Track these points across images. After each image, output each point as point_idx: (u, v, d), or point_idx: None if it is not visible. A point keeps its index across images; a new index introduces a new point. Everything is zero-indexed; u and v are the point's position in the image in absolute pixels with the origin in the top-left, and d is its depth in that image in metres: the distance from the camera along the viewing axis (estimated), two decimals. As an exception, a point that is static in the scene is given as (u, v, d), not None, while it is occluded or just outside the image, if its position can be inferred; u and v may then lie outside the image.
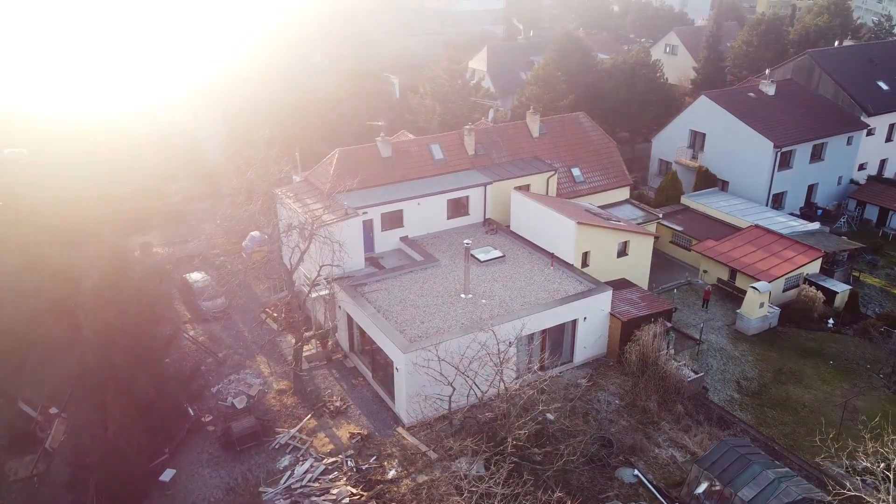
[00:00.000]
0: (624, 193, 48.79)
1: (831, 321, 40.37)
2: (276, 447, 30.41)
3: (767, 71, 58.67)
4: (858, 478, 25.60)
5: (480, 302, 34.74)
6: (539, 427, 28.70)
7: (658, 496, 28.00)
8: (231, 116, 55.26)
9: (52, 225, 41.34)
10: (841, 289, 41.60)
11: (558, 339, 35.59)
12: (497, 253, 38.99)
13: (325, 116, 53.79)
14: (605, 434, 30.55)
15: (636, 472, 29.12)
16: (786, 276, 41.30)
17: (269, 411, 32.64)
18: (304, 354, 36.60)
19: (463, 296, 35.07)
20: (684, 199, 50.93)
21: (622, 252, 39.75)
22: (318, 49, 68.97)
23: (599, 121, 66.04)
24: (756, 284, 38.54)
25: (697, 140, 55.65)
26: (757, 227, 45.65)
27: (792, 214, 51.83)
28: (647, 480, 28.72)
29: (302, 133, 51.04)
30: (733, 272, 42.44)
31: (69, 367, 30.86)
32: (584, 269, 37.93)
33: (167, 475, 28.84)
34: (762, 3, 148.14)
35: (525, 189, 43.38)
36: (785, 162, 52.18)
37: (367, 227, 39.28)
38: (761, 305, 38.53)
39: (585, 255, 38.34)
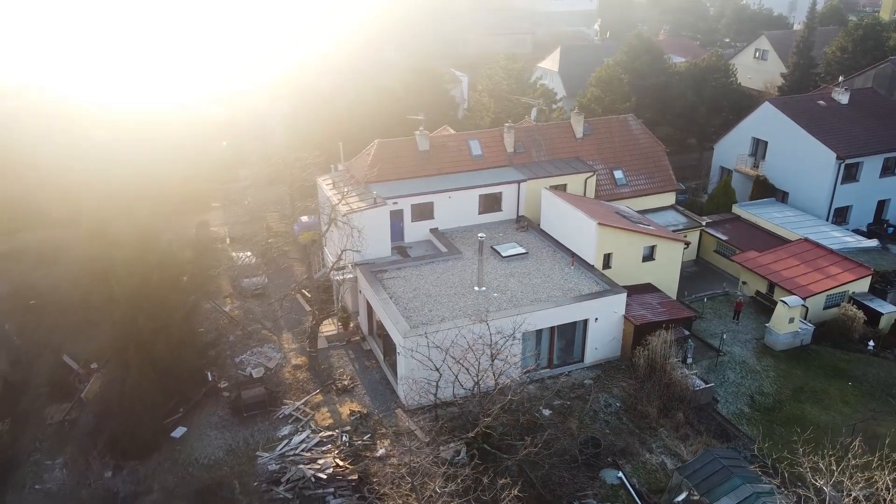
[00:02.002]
0: (669, 199, 47.86)
1: (872, 343, 38.22)
2: (280, 417, 32.35)
3: (841, 78, 55.65)
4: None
5: (492, 295, 35.37)
6: (526, 421, 29.23)
7: (637, 500, 27.83)
8: (298, 107, 58.11)
9: (119, 201, 45.29)
10: (888, 310, 39.27)
11: (569, 338, 35.71)
12: (520, 249, 39.43)
13: (385, 110, 55.49)
14: (593, 434, 30.53)
15: (620, 474, 29.03)
16: (826, 293, 39.44)
17: (281, 383, 34.65)
18: (326, 335, 38.49)
19: (476, 288, 35.81)
20: (735, 209, 49.31)
21: (648, 257, 39.20)
22: (392, 45, 70.88)
23: (666, 125, 64.95)
24: (786, 298, 37.09)
25: (759, 148, 53.62)
26: (806, 240, 43.68)
27: (857, 231, 49.16)
28: (630, 484, 28.59)
29: (360, 126, 52.95)
30: (772, 285, 40.91)
31: (106, 327, 33.90)
32: (606, 272, 37.72)
33: (178, 432, 31.35)
34: (886, 9, 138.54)
35: (561, 189, 43.50)
36: (850, 175, 49.48)
37: (397, 217, 40.65)
38: (791, 321, 37.04)
39: (608, 257, 38.11)
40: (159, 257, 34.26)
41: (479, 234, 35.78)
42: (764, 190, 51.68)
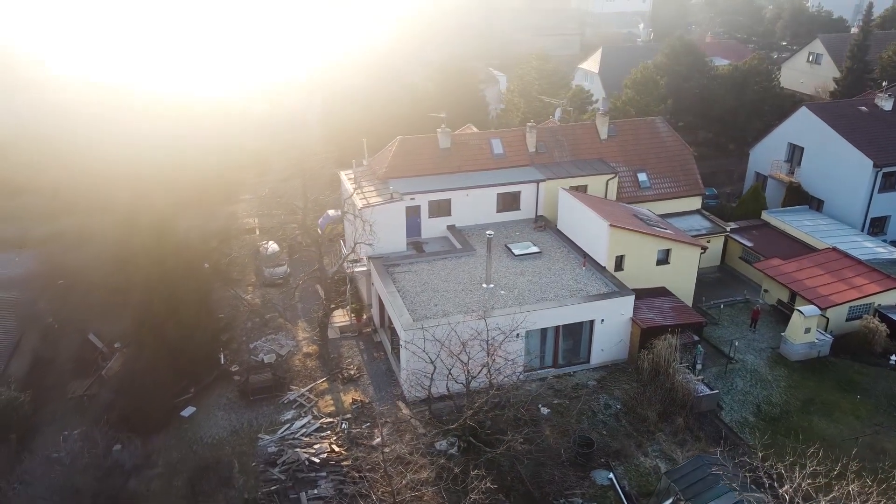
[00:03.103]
0: (695, 203, 47.18)
1: (894, 358, 36.93)
2: (285, 402, 33.39)
3: (885, 84, 53.66)
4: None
5: (499, 293, 35.69)
6: (521, 418, 29.49)
7: (624, 502, 27.78)
8: (331, 103, 59.42)
9: (152, 190, 47.28)
10: (914, 324, 37.90)
11: (575, 338, 35.73)
12: (534, 248, 39.59)
13: (415, 108, 56.23)
14: (587, 433, 30.55)
15: (611, 475, 29.00)
16: (849, 304, 38.31)
17: (289, 370, 35.71)
18: (338, 325, 39.46)
19: (484, 285, 36.18)
20: (765, 215, 48.21)
21: (663, 260, 38.80)
22: (433, 44, 71.52)
23: (706, 130, 63.82)
24: (803, 308, 36.22)
25: (795, 154, 52.24)
26: (834, 249, 42.47)
27: (894, 243, 47.43)
28: (620, 485, 28.53)
29: (389, 123, 53.77)
30: (793, 294, 39.95)
31: (128, 309, 35.58)
32: (618, 274, 37.54)
33: (187, 412, 32.75)
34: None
35: (582, 190, 43.43)
36: (889, 184, 47.75)
37: (414, 212, 41.31)
38: (807, 331, 36.15)
39: (620, 259, 37.90)
40: (176, 244, 35.59)
41: (488, 232, 36.15)
42: (797, 197, 50.34)
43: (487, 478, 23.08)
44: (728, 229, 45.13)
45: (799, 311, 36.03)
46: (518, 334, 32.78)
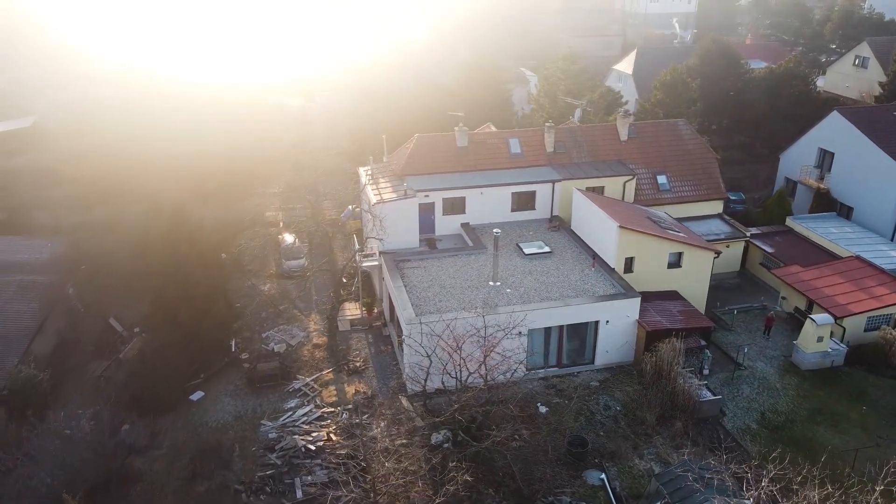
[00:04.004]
0: (716, 207, 46.50)
1: (911, 370, 35.90)
2: (290, 390, 34.28)
3: (922, 89, 51.87)
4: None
5: (505, 291, 35.92)
6: (516, 414, 29.77)
7: (612, 502, 27.76)
8: (360, 101, 60.42)
9: (182, 182, 49.00)
10: (935, 336, 36.71)
11: (580, 339, 35.73)
12: (545, 248, 39.67)
13: (442, 107, 56.69)
14: (581, 433, 30.57)
15: (602, 475, 28.99)
16: (868, 314, 37.34)
17: (297, 360, 36.61)
18: (350, 318, 40.20)
19: (491, 283, 36.45)
20: (789, 221, 47.18)
21: (675, 264, 38.41)
22: (466, 44, 71.85)
23: (735, 133, 62.70)
24: (815, 316, 35.48)
25: (826, 160, 50.96)
26: (858, 258, 41.41)
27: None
28: (611, 486, 28.51)
29: (414, 120, 54.38)
30: (811, 302, 39.11)
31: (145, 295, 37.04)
32: (627, 276, 37.35)
33: (196, 396, 33.90)
34: None
35: (599, 191, 43.29)
36: (922, 192, 46.21)
37: (428, 209, 41.79)
38: (820, 339, 35.39)
39: (630, 261, 37.68)
40: (194, 234, 36.75)
41: (495, 230, 36.40)
42: (825, 203, 49.13)
43: (466, 471, 23.36)
44: (748, 234, 44.36)
45: (811, 318, 35.31)
46: (521, 332, 33.07)
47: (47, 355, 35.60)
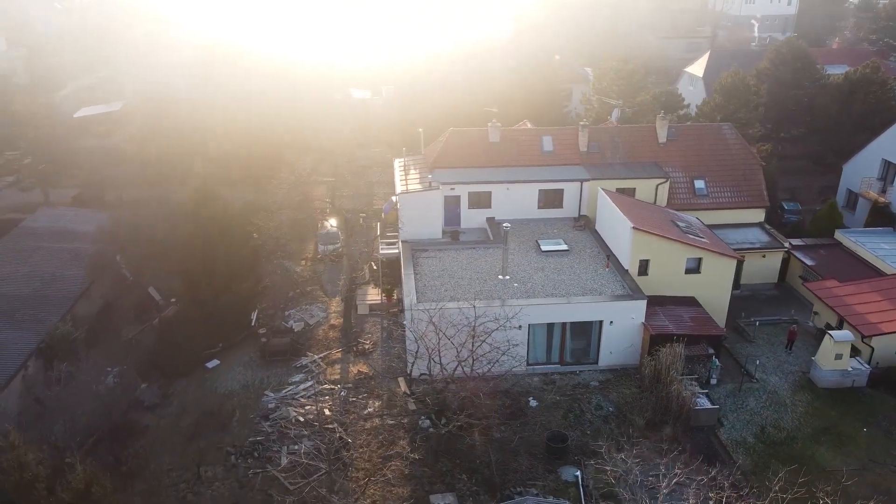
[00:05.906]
0: (758, 215, 44.77)
1: (940, 398, 33.57)
2: (297, 366, 36.03)
3: None
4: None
5: (513, 285, 36.27)
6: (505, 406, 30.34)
7: (582, 500, 27.75)
8: (412, 97, 61.98)
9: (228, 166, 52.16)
10: (973, 364, 34.18)
11: (584, 338, 35.60)
12: (563, 246, 39.65)
13: (494, 103, 57.18)
14: (562, 430, 30.62)
15: (577, 472, 28.99)
16: (901, 335, 35.20)
17: (311, 338, 38.35)
18: (369, 303, 41.62)
19: (500, 277, 36.88)
20: (838, 234, 44.79)
21: (693, 269, 37.46)
22: (537, 44, 71.76)
23: (805, 141, 59.78)
24: (834, 332, 33.82)
25: (889, 172, 47.98)
26: (903, 276, 39.00)
27: None
28: (583, 484, 28.49)
29: (465, 116, 55.19)
30: (842, 319, 37.20)
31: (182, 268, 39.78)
32: (641, 278, 36.81)
33: (212, 364, 36.25)
34: None
35: (629, 193, 42.75)
36: None
37: (454, 202, 42.59)
38: (838, 357, 33.71)
39: (644, 264, 37.10)
40: (224, 214, 38.98)
41: (504, 224, 36.81)
42: (883, 218, 46.30)
43: (416, 451, 24.15)
44: (787, 245, 42.55)
45: (829, 334, 33.70)
46: (521, 326, 33.44)
47: (91, 316, 38.91)
